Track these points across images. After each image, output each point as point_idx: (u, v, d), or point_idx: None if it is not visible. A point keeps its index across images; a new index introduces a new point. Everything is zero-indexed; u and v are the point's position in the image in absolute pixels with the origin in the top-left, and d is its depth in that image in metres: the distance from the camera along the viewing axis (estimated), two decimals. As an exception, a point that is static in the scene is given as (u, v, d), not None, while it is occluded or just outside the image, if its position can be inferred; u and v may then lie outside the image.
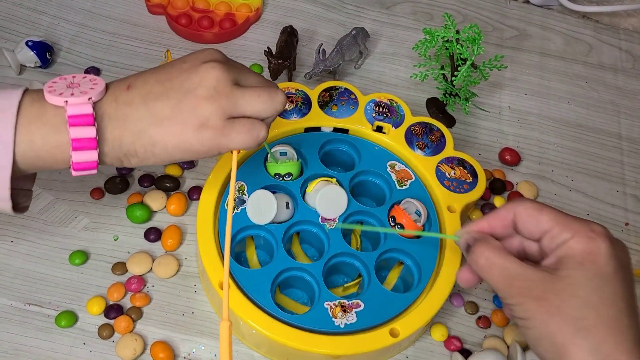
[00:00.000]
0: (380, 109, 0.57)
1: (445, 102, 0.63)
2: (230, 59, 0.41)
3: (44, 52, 0.61)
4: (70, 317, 0.48)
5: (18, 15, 0.66)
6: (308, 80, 0.62)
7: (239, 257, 0.51)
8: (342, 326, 0.45)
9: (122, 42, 0.66)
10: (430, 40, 0.59)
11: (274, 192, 0.49)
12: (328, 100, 0.58)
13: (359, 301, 0.47)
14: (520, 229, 0.39)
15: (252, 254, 0.52)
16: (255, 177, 0.51)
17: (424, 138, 0.56)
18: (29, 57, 0.61)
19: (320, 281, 0.47)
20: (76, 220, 0.53)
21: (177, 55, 0.64)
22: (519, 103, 0.68)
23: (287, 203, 0.50)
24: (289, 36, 0.64)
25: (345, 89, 0.59)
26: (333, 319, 0.45)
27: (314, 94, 0.58)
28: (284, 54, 0.62)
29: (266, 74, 0.65)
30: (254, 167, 0.52)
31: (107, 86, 0.39)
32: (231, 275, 0.47)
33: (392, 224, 0.50)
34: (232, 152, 0.40)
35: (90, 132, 0.36)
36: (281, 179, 0.51)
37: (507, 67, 0.59)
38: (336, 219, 0.50)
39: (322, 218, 0.50)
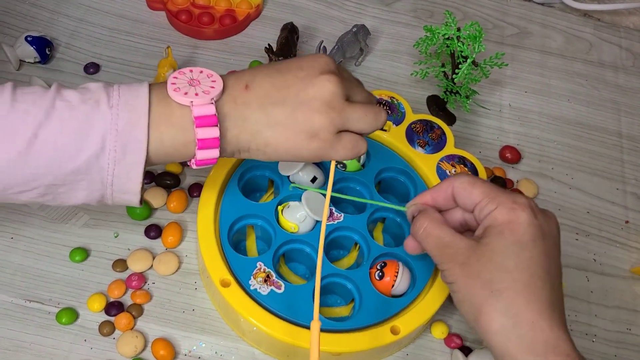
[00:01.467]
0: (381, 107, 0.57)
1: (446, 100, 0.63)
2: (341, 68, 0.43)
3: (44, 47, 0.61)
4: (70, 314, 0.48)
5: (17, 10, 0.66)
6: (309, 77, 0.62)
7: (238, 246, 0.51)
8: (264, 293, 0.46)
9: (121, 37, 0.65)
10: (431, 37, 0.59)
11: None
12: (329, 97, 0.57)
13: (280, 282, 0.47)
14: (457, 201, 0.42)
15: (252, 244, 0.52)
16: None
17: (424, 136, 0.56)
18: (29, 52, 0.60)
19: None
20: (76, 216, 0.53)
21: (177, 53, 0.64)
22: (519, 101, 0.68)
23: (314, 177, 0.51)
24: (290, 33, 0.64)
25: (346, 86, 0.58)
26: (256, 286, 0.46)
27: (314, 91, 0.57)
28: (285, 51, 0.62)
29: (267, 70, 0.65)
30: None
31: (225, 83, 0.40)
32: (232, 272, 0.47)
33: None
34: (331, 161, 0.43)
35: (214, 132, 0.38)
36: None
37: (507, 65, 0.59)
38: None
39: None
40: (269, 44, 0.62)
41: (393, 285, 0.47)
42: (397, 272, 0.48)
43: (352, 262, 0.52)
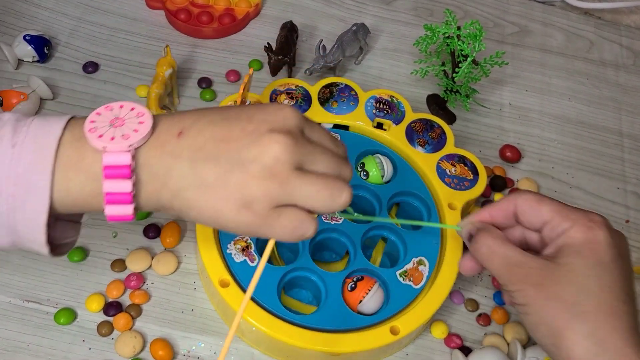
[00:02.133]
0: (381, 106, 0.57)
1: (446, 99, 0.63)
2: (310, 126, 0.36)
3: (42, 46, 0.61)
4: (69, 314, 0.48)
5: (15, 9, 0.66)
6: (308, 76, 0.62)
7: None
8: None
9: (120, 36, 0.65)
10: (431, 36, 0.59)
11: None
12: (328, 96, 0.57)
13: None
14: (521, 219, 0.40)
15: (274, 253, 0.52)
16: None
17: (424, 135, 0.56)
18: (27, 51, 0.60)
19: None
20: (75, 216, 0.53)
21: (176, 51, 0.64)
22: (519, 100, 0.67)
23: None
24: (289, 32, 0.63)
25: (346, 85, 0.58)
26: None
27: (314, 90, 0.57)
28: (284, 50, 0.62)
29: (266, 69, 0.65)
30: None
31: (157, 125, 0.34)
32: (231, 272, 0.47)
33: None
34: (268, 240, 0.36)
35: (125, 186, 0.32)
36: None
37: (508, 64, 0.59)
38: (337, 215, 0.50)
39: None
40: (268, 43, 0.62)
41: (361, 301, 0.46)
42: (370, 290, 0.46)
43: (342, 268, 0.51)
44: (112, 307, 0.48)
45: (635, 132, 0.67)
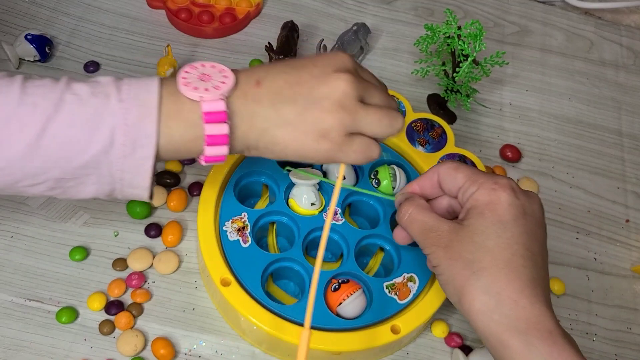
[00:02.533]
0: (382, 105, 0.57)
1: (446, 99, 0.63)
2: (360, 68, 0.42)
3: (43, 46, 0.61)
4: (71, 313, 0.48)
5: (17, 9, 0.66)
6: (309, 75, 0.62)
7: (260, 242, 0.51)
8: None
9: (121, 36, 0.65)
10: (431, 36, 0.59)
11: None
12: (329, 96, 0.57)
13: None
14: (443, 187, 0.42)
15: (272, 241, 0.52)
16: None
17: (425, 134, 0.56)
18: (28, 50, 0.60)
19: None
20: (76, 215, 0.53)
21: (177, 51, 0.64)
22: (520, 99, 0.68)
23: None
24: (290, 31, 0.64)
25: (347, 84, 0.58)
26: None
27: (315, 89, 0.57)
28: (285, 49, 0.62)
29: (267, 69, 0.65)
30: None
31: (237, 78, 0.39)
32: (232, 272, 0.47)
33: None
34: (340, 165, 0.42)
35: (223, 129, 0.38)
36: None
37: (508, 64, 0.59)
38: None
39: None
40: (269, 43, 0.62)
41: (341, 304, 0.46)
42: (352, 294, 0.46)
43: (377, 266, 0.52)
44: (113, 306, 0.49)
45: (635, 131, 0.67)
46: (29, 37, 0.60)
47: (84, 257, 0.51)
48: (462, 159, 0.55)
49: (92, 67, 0.62)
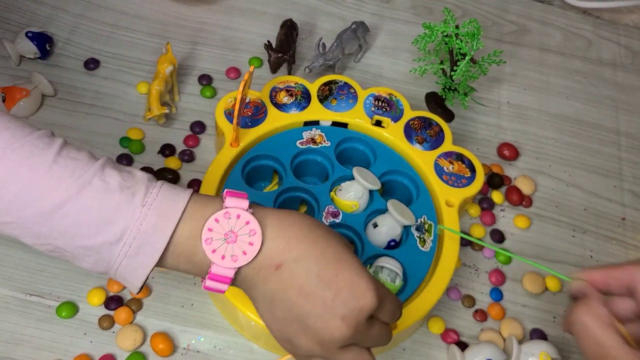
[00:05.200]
0: (380, 103, 0.58)
1: (444, 97, 0.64)
2: (380, 307, 0.37)
3: (44, 43, 0.61)
4: (71, 308, 0.48)
5: (17, 6, 0.66)
6: (308, 73, 0.63)
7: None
8: None
9: (121, 33, 0.66)
10: (429, 34, 0.59)
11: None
12: (327, 94, 0.58)
13: None
14: (636, 298, 0.36)
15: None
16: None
17: (422, 132, 0.57)
18: (29, 48, 0.60)
19: None
20: (76, 211, 0.54)
21: (177, 48, 0.64)
22: (517, 98, 0.68)
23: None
24: (289, 30, 0.64)
25: (345, 82, 0.59)
26: None
27: (313, 87, 0.58)
28: (284, 48, 0.62)
29: (266, 67, 0.65)
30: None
31: (263, 243, 0.37)
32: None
33: None
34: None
35: (223, 287, 0.38)
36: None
37: (506, 62, 0.59)
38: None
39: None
40: (268, 41, 0.62)
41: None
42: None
43: None
44: (113, 301, 0.49)
45: (632, 130, 0.67)
46: (29, 34, 0.60)
47: (83, 253, 0.51)
48: (460, 157, 0.55)
49: (92, 65, 0.62)
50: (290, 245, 0.37)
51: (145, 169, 0.56)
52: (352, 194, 0.51)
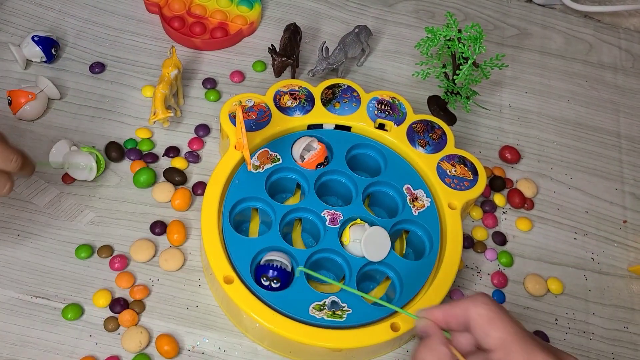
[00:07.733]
0: (383, 107, 0.58)
1: (446, 100, 0.64)
2: None
3: (50, 47, 0.62)
4: (76, 310, 0.49)
5: (24, 10, 0.67)
6: (311, 77, 0.63)
7: (239, 227, 0.52)
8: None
9: (126, 37, 0.66)
10: (432, 38, 0.60)
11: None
12: (331, 97, 0.58)
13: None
14: (472, 333, 0.38)
15: (255, 226, 0.54)
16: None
17: (425, 136, 0.57)
18: (35, 52, 0.61)
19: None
20: (82, 214, 0.54)
21: (181, 52, 0.65)
22: (519, 101, 0.68)
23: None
24: (293, 34, 0.64)
25: (348, 86, 0.59)
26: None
27: (317, 91, 0.58)
28: (288, 52, 0.63)
29: (270, 70, 0.65)
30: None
31: None
32: (234, 269, 0.48)
33: None
34: None
35: None
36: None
37: (507, 66, 0.60)
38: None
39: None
40: (272, 45, 0.63)
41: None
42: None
43: (382, 294, 0.52)
44: (117, 304, 0.49)
45: (633, 133, 0.68)
46: (35, 38, 0.61)
47: (89, 255, 0.52)
48: (462, 160, 0.56)
49: (97, 68, 0.63)
50: None
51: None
52: (353, 235, 0.50)
